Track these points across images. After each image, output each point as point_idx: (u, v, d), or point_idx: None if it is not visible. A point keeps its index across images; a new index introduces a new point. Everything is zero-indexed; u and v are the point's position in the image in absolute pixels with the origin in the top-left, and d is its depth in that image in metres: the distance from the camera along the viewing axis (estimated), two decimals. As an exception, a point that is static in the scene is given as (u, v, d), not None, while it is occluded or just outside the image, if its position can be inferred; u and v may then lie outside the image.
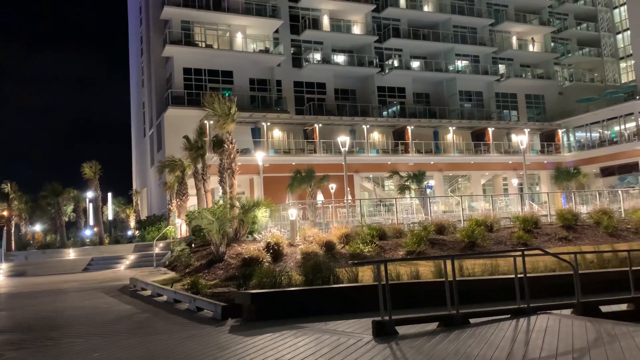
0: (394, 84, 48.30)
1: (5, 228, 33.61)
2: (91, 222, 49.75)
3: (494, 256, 13.56)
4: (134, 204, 49.68)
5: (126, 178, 61.67)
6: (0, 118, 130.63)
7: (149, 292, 14.46)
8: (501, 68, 53.33)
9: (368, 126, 41.33)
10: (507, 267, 12.72)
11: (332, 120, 40.81)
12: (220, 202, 23.29)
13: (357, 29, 47.97)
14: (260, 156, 29.10)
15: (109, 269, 23.98)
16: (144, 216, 43.32)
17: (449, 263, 8.44)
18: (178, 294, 12.49)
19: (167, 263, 21.96)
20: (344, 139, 26.58)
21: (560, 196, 34.91)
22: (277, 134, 40.67)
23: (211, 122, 29.31)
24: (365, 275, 12.37)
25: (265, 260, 16.23)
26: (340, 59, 47.52)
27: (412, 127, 42.37)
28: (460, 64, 51.39)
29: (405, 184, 31.56)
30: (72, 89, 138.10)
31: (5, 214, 36.12)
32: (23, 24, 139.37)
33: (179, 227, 31.27)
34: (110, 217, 51.48)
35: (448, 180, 45.44)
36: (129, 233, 43.55)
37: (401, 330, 7.61)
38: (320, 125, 39.35)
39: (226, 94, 32.01)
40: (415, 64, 50.16)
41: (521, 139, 32.37)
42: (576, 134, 47.91)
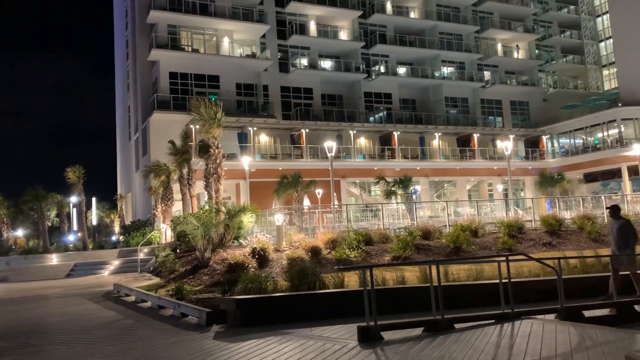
0: (380, 90, 48.53)
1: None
2: (75, 228, 49.20)
3: (479, 261, 13.64)
4: (119, 209, 49.23)
5: (111, 183, 61.19)
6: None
7: (133, 298, 14.31)
8: (486, 75, 53.85)
9: (355, 132, 41.45)
10: (492, 272, 12.79)
11: (319, 126, 40.86)
12: (206, 207, 23.17)
13: (344, 35, 48.15)
14: (246, 161, 29.05)
15: (92, 275, 23.70)
16: (128, 221, 42.94)
17: (434, 268, 8.47)
18: (162, 300, 12.36)
19: (152, 269, 21.76)
20: (330, 144, 26.64)
21: (545, 202, 35.24)
22: (264, 139, 40.62)
23: (197, 127, 29.18)
24: (351, 280, 12.36)
25: (250, 265, 16.17)
26: (327, 64, 47.65)
27: (399, 133, 42.56)
28: (446, 70, 51.79)
29: (392, 189, 31.71)
30: (57, 93, 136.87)
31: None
32: (7, 29, 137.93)
33: (164, 233, 31.03)
34: (94, 222, 50.96)
35: (434, 185, 45.69)
36: (113, 238, 43.13)
37: (386, 335, 7.61)
38: (307, 130, 39.37)
39: (212, 99, 31.93)
40: (402, 70, 50.46)
41: (506, 145, 32.67)
42: (560, 141, 48.48)
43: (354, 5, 47.66)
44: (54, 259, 28.47)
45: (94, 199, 49.97)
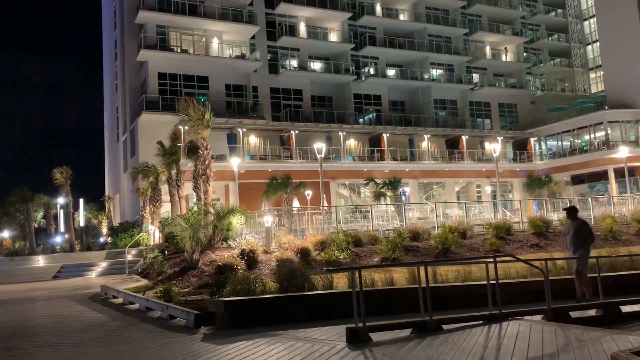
0: (370, 92, 48.64)
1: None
2: (62, 229, 48.72)
3: (467, 263, 13.71)
4: (107, 210, 48.84)
5: (99, 184, 60.63)
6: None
7: (120, 300, 14.22)
8: (475, 77, 54.17)
9: (344, 133, 41.50)
10: (480, 274, 12.86)
11: (309, 127, 40.87)
12: (195, 209, 23.07)
13: (334, 37, 48.22)
14: (235, 162, 28.96)
15: (79, 277, 23.51)
16: (116, 223, 42.65)
17: (423, 270, 8.50)
18: (150, 302, 12.30)
19: (140, 270, 21.63)
20: (320, 146, 26.64)
21: (532, 203, 35.52)
22: (253, 140, 40.54)
23: (186, 128, 29.04)
24: (340, 282, 12.38)
25: (239, 267, 16.11)
26: (316, 66, 47.68)
27: (388, 135, 42.68)
28: (435, 72, 52.03)
29: (381, 190, 31.78)
30: (44, 93, 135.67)
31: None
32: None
33: (152, 234, 30.86)
34: (81, 224, 50.48)
35: (423, 187, 45.85)
36: (101, 240, 42.78)
37: (375, 336, 7.62)
38: (296, 131, 39.36)
39: (201, 100, 31.83)
40: (391, 72, 50.62)
41: (494, 147, 32.89)
42: (548, 143, 48.87)
43: (343, 7, 47.75)
44: (40, 261, 28.20)
45: (81, 200, 49.48)
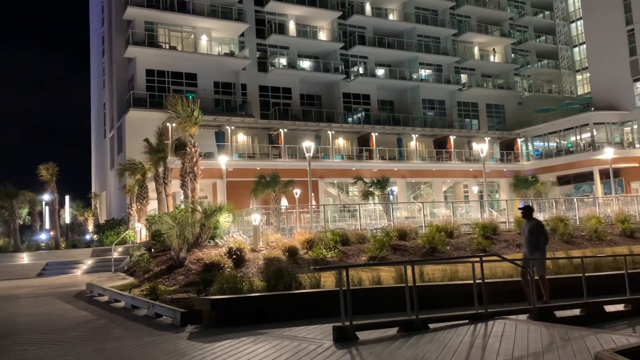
0: (359, 91, 48.71)
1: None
2: (47, 226, 48.25)
3: (454, 262, 13.79)
4: (93, 207, 48.47)
5: (85, 181, 60.22)
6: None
7: (106, 298, 14.09)
8: (463, 77, 54.46)
9: (333, 132, 41.53)
10: (466, 273, 12.94)
11: (298, 126, 40.83)
12: (182, 207, 22.95)
13: (323, 35, 48.21)
14: (223, 160, 28.85)
15: (65, 274, 23.26)
16: (102, 220, 42.31)
17: (410, 269, 8.54)
18: (136, 300, 12.20)
19: (126, 268, 21.47)
20: (309, 145, 26.65)
21: (519, 203, 35.79)
22: (242, 138, 40.43)
23: (174, 125, 28.90)
24: (328, 280, 12.38)
25: (226, 265, 16.07)
26: (306, 64, 47.64)
27: (377, 134, 42.78)
28: (424, 72, 52.23)
29: (369, 190, 31.84)
30: (30, 89, 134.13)
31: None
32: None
33: (139, 232, 30.65)
34: (67, 221, 50.05)
35: (411, 186, 46.02)
36: (87, 237, 42.43)
37: (361, 335, 7.63)
38: (285, 130, 39.31)
39: (190, 97, 31.65)
40: (380, 72, 50.73)
41: (481, 147, 33.09)
42: (534, 143, 49.29)
43: (333, 6, 47.76)
44: (24, 258, 27.88)
45: (67, 197, 49.08)
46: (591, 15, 49.24)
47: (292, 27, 46.78)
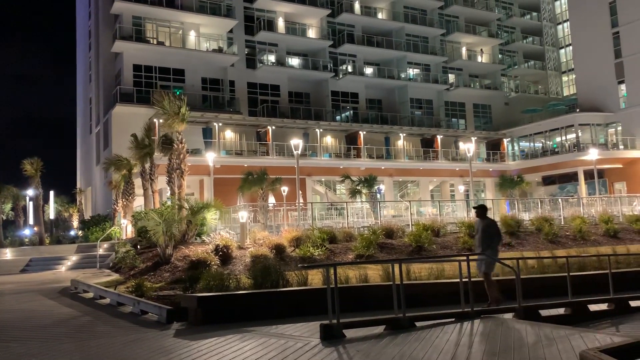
0: (347, 89, 48.74)
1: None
2: (31, 222, 47.65)
3: (440, 260, 13.86)
4: (78, 203, 47.96)
5: (70, 176, 59.47)
6: None
7: (91, 295, 13.96)
8: (451, 77, 54.71)
9: (321, 130, 41.51)
10: (453, 272, 13.02)
11: (286, 123, 40.76)
12: (168, 203, 22.80)
13: (312, 33, 48.14)
14: (211, 157, 28.70)
15: (49, 270, 23.00)
16: (87, 216, 41.91)
17: (397, 267, 8.56)
18: (122, 297, 12.11)
19: (111, 265, 21.30)
20: (297, 142, 26.59)
21: (504, 203, 36.07)
22: (229, 135, 40.25)
23: (160, 121, 28.67)
24: (315, 278, 12.38)
25: (213, 263, 16.02)
26: (294, 61, 47.55)
27: (364, 133, 42.85)
28: (412, 72, 52.39)
29: (357, 188, 31.90)
30: (15, 83, 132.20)
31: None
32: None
33: (125, 228, 30.41)
34: (51, 217, 49.44)
35: (398, 185, 46.18)
36: (72, 233, 41.97)
37: (348, 333, 7.64)
38: (273, 127, 39.21)
39: (177, 93, 31.47)
40: (369, 70, 50.81)
41: (468, 147, 33.28)
42: (520, 144, 49.69)
43: (322, 4, 47.72)
44: (7, 254, 27.50)
45: (51, 193, 48.45)
46: (577, 17, 49.71)
47: (281, 24, 46.67)
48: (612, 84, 45.22)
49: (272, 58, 45.97)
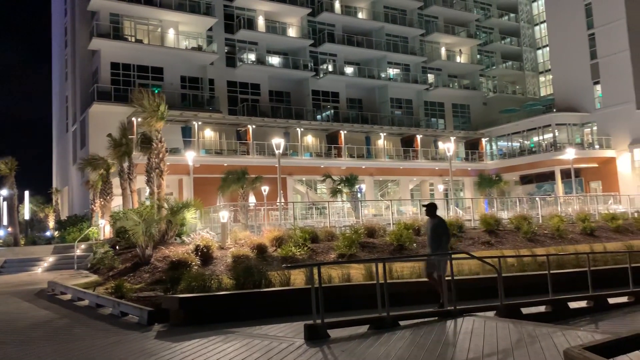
0: (328, 89, 48.74)
1: None
2: (5, 222, 46.63)
3: (424, 259, 13.90)
4: (54, 203, 47.11)
5: (45, 176, 58.40)
6: None
7: (69, 296, 13.70)
8: (430, 77, 55.12)
9: (302, 129, 41.43)
10: (435, 271, 13.08)
11: (266, 122, 40.59)
12: (147, 203, 22.51)
13: (293, 32, 48.02)
14: (190, 156, 28.42)
15: (24, 272, 22.52)
16: (64, 216, 41.18)
17: (380, 266, 8.56)
18: (101, 298, 11.90)
19: (89, 266, 20.94)
20: (278, 141, 26.48)
21: (483, 202, 36.48)
22: (209, 134, 39.94)
23: (139, 120, 28.30)
24: (297, 278, 12.34)
25: (194, 263, 15.87)
26: (275, 60, 47.39)
27: (345, 132, 42.90)
28: (392, 71, 52.64)
29: (338, 187, 31.94)
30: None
31: None
32: None
33: (103, 229, 29.95)
34: (26, 217, 48.45)
35: (378, 184, 46.35)
36: (48, 234, 41.19)
37: (333, 333, 7.61)
38: (253, 126, 39.01)
39: (156, 91, 31.04)
40: (349, 70, 50.89)
41: (448, 146, 33.54)
42: (498, 143, 50.30)
43: (303, 3, 47.63)
44: (-19, 255, 26.85)
45: (26, 192, 47.43)
46: (554, 18, 50.47)
47: (262, 23, 46.46)
48: (588, 84, 46.02)
49: (253, 57, 45.74)
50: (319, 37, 48.62)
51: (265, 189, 33.64)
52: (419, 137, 46.42)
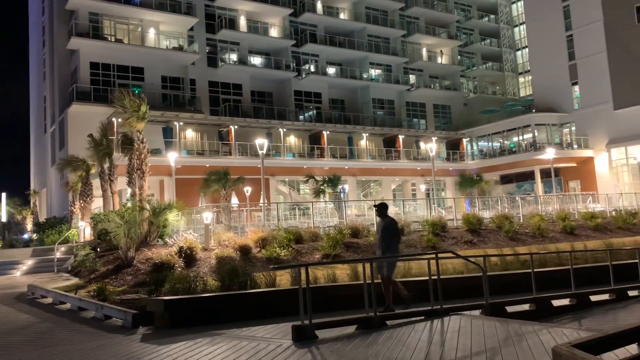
0: (310, 89, 48.71)
1: None
2: (-19, 225, 45.70)
3: (410, 259, 13.98)
4: (32, 205, 46.34)
5: (23, 177, 57.35)
6: None
7: (50, 300, 13.46)
8: (412, 78, 55.42)
9: (285, 130, 41.34)
10: (418, 270, 13.17)
11: (249, 123, 40.40)
12: (128, 204, 22.25)
13: (275, 32, 47.89)
14: (172, 157, 28.15)
15: (3, 275, 22.06)
16: (42, 218, 40.49)
17: (367, 266, 8.56)
18: (83, 302, 11.72)
19: (70, 268, 20.60)
20: (261, 142, 26.36)
21: (464, 202, 36.76)
22: (191, 134, 39.61)
23: (119, 120, 27.96)
24: (283, 279, 12.28)
25: (177, 265, 15.71)
26: (257, 60, 47.21)
27: (328, 132, 42.91)
28: (374, 72, 52.81)
29: (321, 188, 31.90)
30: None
31: None
32: None
33: (83, 231, 29.51)
34: (3, 219, 47.56)
35: (361, 184, 46.45)
36: (26, 236, 40.48)
37: (320, 334, 7.59)
38: (236, 127, 38.80)
39: (136, 91, 30.76)
40: (331, 70, 50.93)
41: (430, 146, 33.77)
42: (479, 144, 50.77)
43: (284, 3, 47.53)
44: (-43, 259, 26.26)
45: (3, 194, 46.63)
46: (533, 20, 51.12)
47: (243, 23, 46.25)
48: (567, 85, 46.69)
49: (234, 57, 45.51)
50: (301, 38, 48.57)
51: (247, 190, 33.50)
52: (401, 138, 46.63)
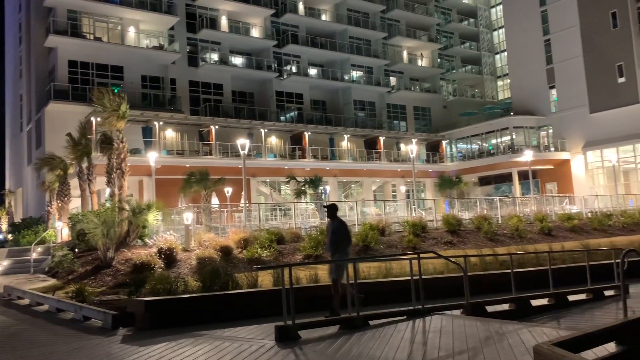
0: (292, 90, 48.67)
1: None
2: (-46, 225, 44.67)
3: (392, 259, 14.07)
4: (7, 205, 45.41)
5: (-2, 177, 56.21)
6: None
7: (27, 301, 13.22)
8: (392, 80, 55.74)
9: (266, 130, 41.23)
10: (399, 270, 13.24)
11: (230, 123, 40.19)
12: (107, 205, 21.98)
13: (256, 32, 47.74)
14: (152, 157, 27.88)
15: (-24, 277, 21.62)
16: (18, 219, 39.72)
17: (351, 266, 8.60)
18: (61, 303, 11.53)
19: (47, 269, 20.27)
20: (243, 142, 26.25)
21: (444, 203, 37.12)
22: (170, 134, 39.26)
23: (98, 119, 27.60)
24: (265, 280, 12.26)
25: (157, 266, 15.58)
26: (238, 61, 47.02)
27: (309, 133, 42.92)
28: (355, 74, 53.00)
29: (302, 188, 31.92)
30: None
31: None
32: None
33: (60, 231, 29.03)
34: (-23, 220, 46.57)
35: (342, 186, 46.57)
36: (0, 237, 39.69)
37: (303, 334, 7.60)
38: (216, 127, 38.57)
39: (115, 90, 30.34)
40: (313, 72, 50.95)
41: (411, 148, 34.03)
42: (458, 145, 51.31)
43: (266, 4, 47.41)
44: None
45: (-23, 194, 45.73)
46: (511, 24, 51.81)
47: (224, 23, 46.02)
48: (544, 88, 47.42)
49: (215, 57, 45.26)
50: (282, 38, 48.51)
51: (228, 191, 33.33)
52: (381, 139, 46.87)
